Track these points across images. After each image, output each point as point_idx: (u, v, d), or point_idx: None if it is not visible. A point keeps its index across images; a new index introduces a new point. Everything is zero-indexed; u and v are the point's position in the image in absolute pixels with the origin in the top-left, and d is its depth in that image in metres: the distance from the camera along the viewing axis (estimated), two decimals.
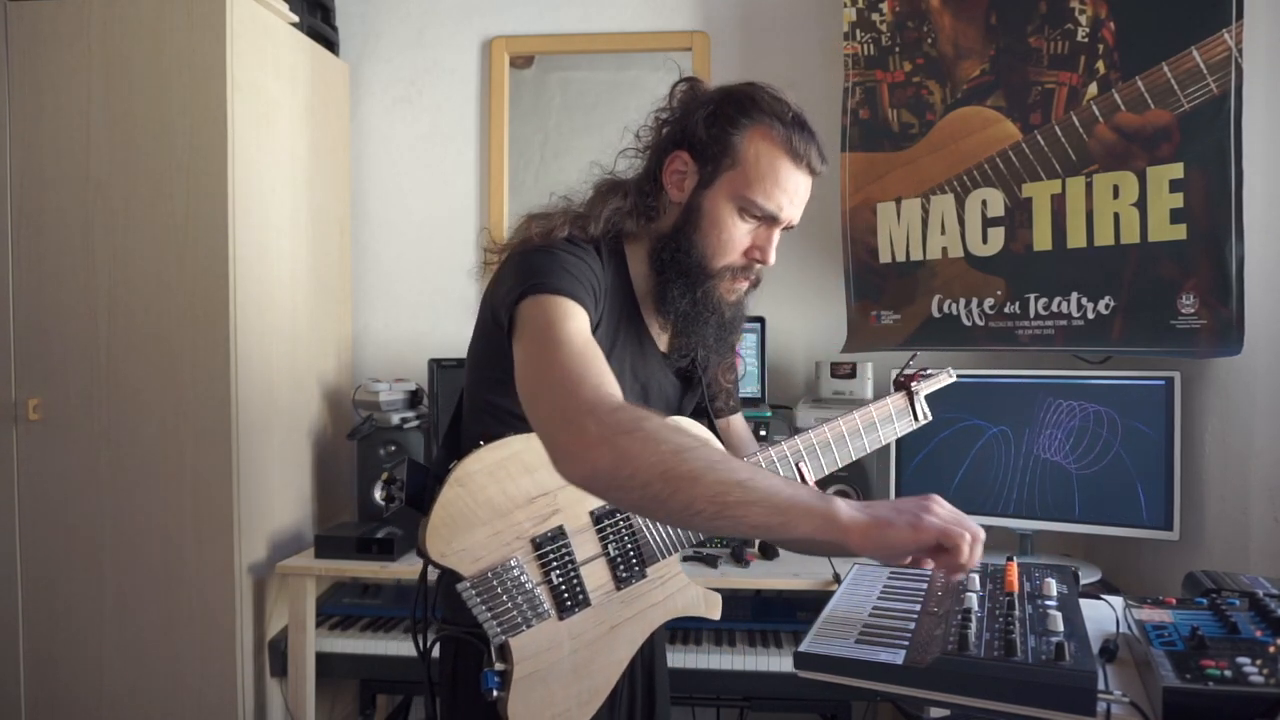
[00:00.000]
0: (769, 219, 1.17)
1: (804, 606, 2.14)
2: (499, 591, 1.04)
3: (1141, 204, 1.82)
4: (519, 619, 1.05)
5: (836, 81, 2.32)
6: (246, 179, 2.06)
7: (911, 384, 1.35)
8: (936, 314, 2.16)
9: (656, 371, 1.25)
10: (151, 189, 2.03)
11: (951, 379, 1.42)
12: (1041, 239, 1.98)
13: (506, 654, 1.04)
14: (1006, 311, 2.05)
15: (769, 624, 2.12)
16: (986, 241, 2.08)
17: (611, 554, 1.12)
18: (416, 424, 2.37)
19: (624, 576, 1.13)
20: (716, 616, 1.24)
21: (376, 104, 2.65)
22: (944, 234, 2.14)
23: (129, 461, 2.06)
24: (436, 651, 1.18)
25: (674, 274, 1.18)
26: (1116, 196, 1.86)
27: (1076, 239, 1.93)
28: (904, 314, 2.23)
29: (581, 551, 1.10)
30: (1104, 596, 1.12)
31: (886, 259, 2.25)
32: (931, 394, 1.39)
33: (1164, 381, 1.90)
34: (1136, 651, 0.95)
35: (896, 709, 2.19)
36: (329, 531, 2.18)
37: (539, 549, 1.07)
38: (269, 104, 2.17)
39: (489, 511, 1.04)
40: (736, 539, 2.06)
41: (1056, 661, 0.84)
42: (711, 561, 2.03)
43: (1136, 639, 0.95)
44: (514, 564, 1.05)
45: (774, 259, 1.19)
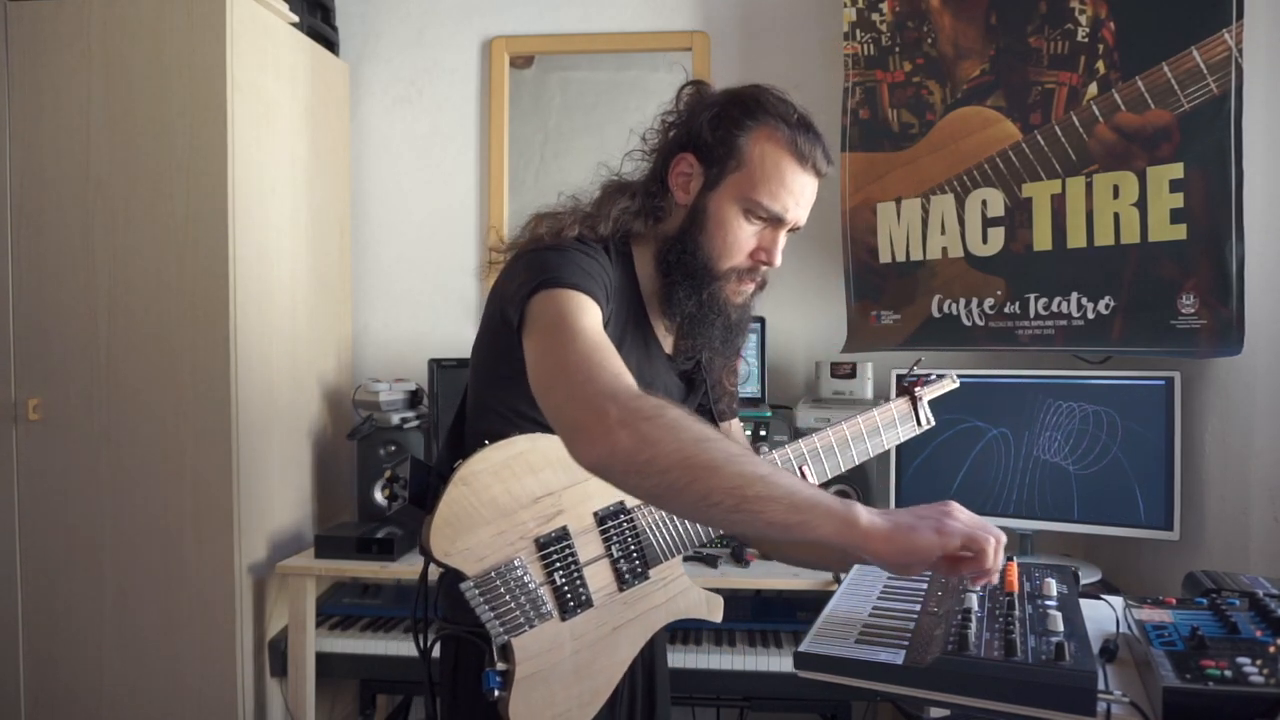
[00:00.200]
0: (775, 220, 1.17)
1: (804, 606, 2.14)
2: (502, 591, 1.04)
3: (1141, 204, 1.82)
4: (522, 619, 1.05)
5: (836, 81, 2.33)
6: (246, 179, 2.06)
7: (915, 389, 1.35)
8: (936, 314, 2.16)
9: (662, 373, 1.25)
10: (151, 189, 2.03)
11: (955, 384, 1.41)
12: (1041, 239, 1.98)
13: (509, 654, 1.04)
14: (1006, 311, 2.05)
15: (769, 624, 2.12)
16: (986, 241, 2.08)
17: (615, 555, 1.12)
18: (416, 424, 2.37)
19: (627, 578, 1.12)
20: (718, 619, 1.24)
21: (376, 104, 2.65)
22: (944, 234, 2.14)
23: (129, 461, 2.06)
24: (437, 651, 1.17)
25: (680, 276, 1.18)
26: (1116, 196, 1.86)
27: (1076, 239, 1.93)
28: (904, 314, 2.23)
29: (585, 552, 1.10)
30: (1104, 596, 1.12)
31: (886, 259, 2.25)
32: (933, 399, 1.38)
33: (1164, 381, 1.90)
34: (1136, 651, 0.95)
35: (896, 709, 2.19)
36: (329, 531, 2.18)
37: (543, 549, 1.07)
38: (269, 104, 2.17)
39: (493, 511, 1.04)
40: (736, 542, 2.06)
41: (1056, 661, 0.84)
42: (711, 561, 2.03)
43: (1136, 639, 0.95)
44: (517, 564, 1.05)
45: (780, 261, 1.19)
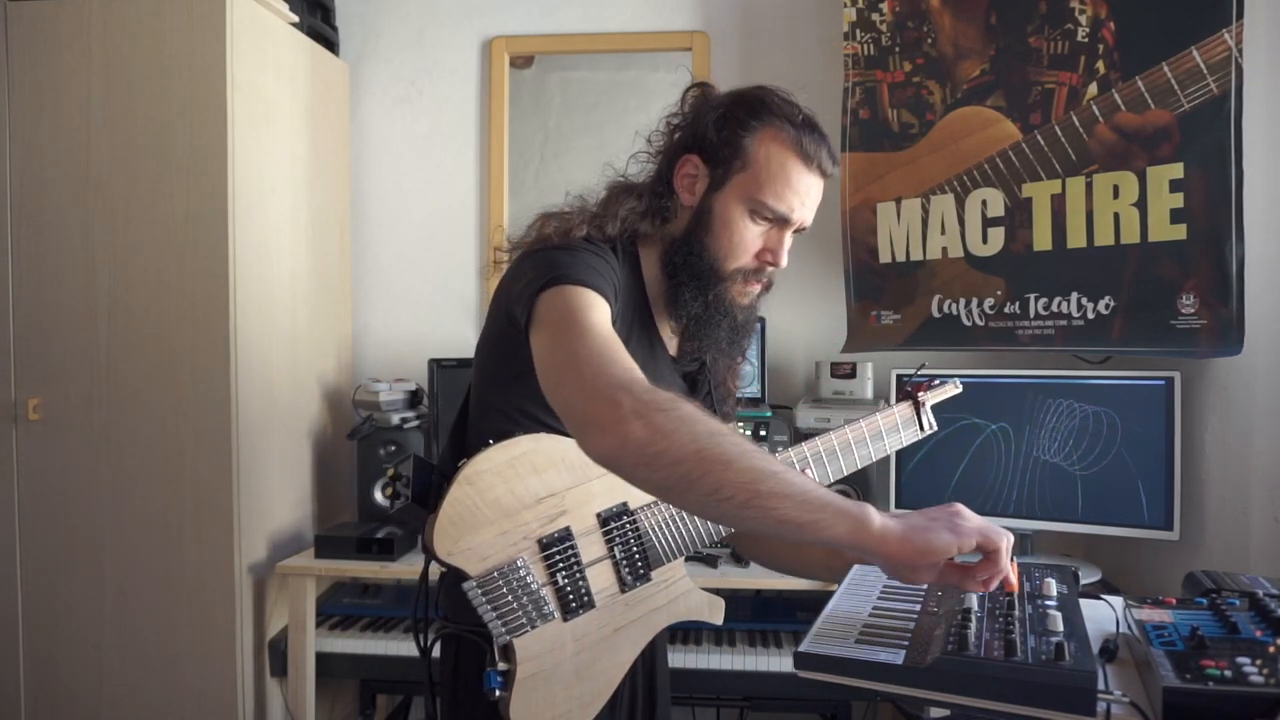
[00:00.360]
0: (780, 221, 1.17)
1: (804, 606, 2.14)
2: (504, 591, 1.04)
3: (1141, 204, 1.82)
4: (524, 619, 1.04)
5: (836, 81, 2.33)
6: (246, 179, 2.06)
7: (919, 394, 1.34)
8: (936, 314, 2.17)
9: (666, 374, 1.25)
10: (151, 189, 2.03)
11: (958, 389, 1.40)
12: (1041, 239, 1.98)
13: (510, 654, 1.04)
14: (1006, 311, 2.05)
15: (769, 624, 2.12)
16: (986, 241, 2.08)
17: (617, 556, 1.12)
18: (416, 424, 2.37)
19: (629, 579, 1.12)
20: (719, 622, 1.24)
21: (376, 104, 2.65)
22: (944, 234, 2.14)
23: (129, 461, 2.06)
24: (437, 650, 1.17)
25: (686, 277, 1.18)
26: (1116, 196, 1.86)
27: (1076, 239, 1.93)
28: (904, 314, 2.23)
29: (587, 553, 1.10)
30: (1104, 596, 1.12)
31: (886, 259, 2.25)
32: (935, 404, 1.38)
33: (1164, 381, 1.90)
34: (1136, 651, 0.95)
35: (896, 709, 2.19)
36: (329, 531, 2.18)
37: (545, 550, 1.07)
38: (269, 104, 2.17)
39: (496, 511, 1.04)
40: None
41: (1056, 661, 0.84)
42: (711, 561, 2.03)
43: (1136, 639, 0.95)
44: (520, 564, 1.05)
45: (786, 262, 1.19)
